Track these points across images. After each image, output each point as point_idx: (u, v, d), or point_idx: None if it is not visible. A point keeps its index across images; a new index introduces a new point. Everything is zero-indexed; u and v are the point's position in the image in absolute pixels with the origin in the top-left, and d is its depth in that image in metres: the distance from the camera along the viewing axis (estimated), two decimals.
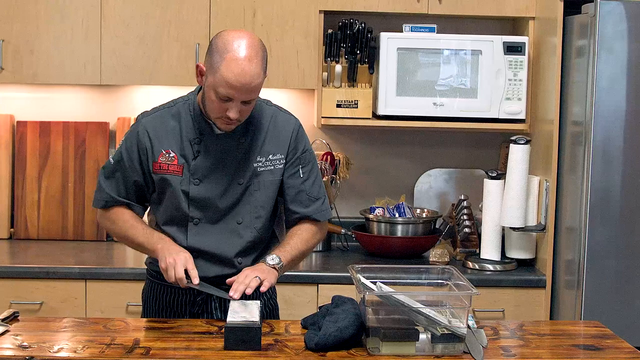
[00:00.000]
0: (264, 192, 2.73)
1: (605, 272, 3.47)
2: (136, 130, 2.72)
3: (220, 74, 2.52)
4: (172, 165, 2.68)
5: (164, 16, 3.81)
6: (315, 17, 3.83)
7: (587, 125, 3.45)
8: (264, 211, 2.75)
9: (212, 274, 2.69)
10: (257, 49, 2.56)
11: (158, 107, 2.76)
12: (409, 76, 3.81)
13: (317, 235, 2.81)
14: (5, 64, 3.80)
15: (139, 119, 2.75)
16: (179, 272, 2.54)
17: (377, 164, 4.24)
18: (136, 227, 2.72)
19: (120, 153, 2.73)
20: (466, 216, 3.91)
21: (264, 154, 2.72)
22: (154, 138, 2.69)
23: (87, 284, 3.58)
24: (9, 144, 4.07)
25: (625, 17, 3.41)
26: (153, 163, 2.69)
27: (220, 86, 2.53)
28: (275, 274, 2.63)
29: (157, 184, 2.71)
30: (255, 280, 2.56)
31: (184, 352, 2.35)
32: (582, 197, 3.47)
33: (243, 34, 2.57)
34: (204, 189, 2.69)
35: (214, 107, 2.59)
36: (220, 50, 2.54)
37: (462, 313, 2.40)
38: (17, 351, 2.32)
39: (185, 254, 2.60)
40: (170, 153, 2.68)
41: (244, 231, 2.73)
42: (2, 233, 4.06)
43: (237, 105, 2.56)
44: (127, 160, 2.71)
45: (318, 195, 2.79)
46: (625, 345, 2.52)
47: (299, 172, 2.76)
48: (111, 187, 2.74)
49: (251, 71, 2.52)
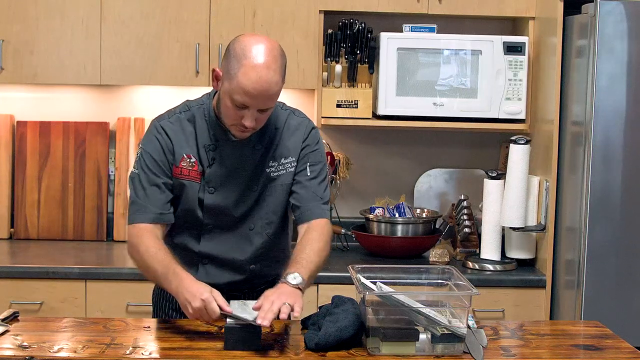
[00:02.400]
0: (276, 197, 2.68)
1: (605, 272, 3.47)
2: (156, 133, 2.63)
3: (237, 80, 2.44)
4: (193, 171, 2.62)
5: (164, 16, 3.81)
6: (315, 17, 3.83)
7: (587, 125, 3.45)
8: (275, 216, 2.70)
9: (224, 280, 2.65)
10: (277, 55, 2.50)
11: (173, 111, 2.69)
12: (409, 76, 3.81)
13: (329, 244, 2.67)
14: (5, 64, 3.80)
15: (155, 123, 2.66)
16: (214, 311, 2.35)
17: (377, 164, 4.24)
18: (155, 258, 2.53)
19: (144, 161, 2.61)
20: (466, 216, 3.91)
21: (277, 158, 2.67)
22: (175, 142, 2.62)
23: (87, 284, 3.58)
24: (9, 144, 4.07)
25: (625, 17, 3.41)
26: (174, 167, 2.62)
27: (236, 93, 2.46)
28: (301, 295, 2.44)
29: (175, 189, 2.64)
30: (286, 307, 2.35)
31: (184, 352, 2.35)
32: (582, 197, 3.48)
33: (262, 39, 2.50)
34: (219, 198, 2.64)
35: (229, 114, 2.53)
36: (238, 55, 2.46)
37: (462, 313, 2.40)
38: (17, 351, 2.32)
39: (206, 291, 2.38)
40: (192, 158, 2.62)
41: (255, 237, 2.69)
42: (2, 233, 4.06)
43: (253, 113, 2.49)
44: (153, 165, 2.61)
45: (323, 197, 2.71)
46: (625, 345, 2.52)
47: (307, 169, 2.69)
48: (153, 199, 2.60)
49: (269, 79, 2.46)
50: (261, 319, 2.32)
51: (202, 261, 2.70)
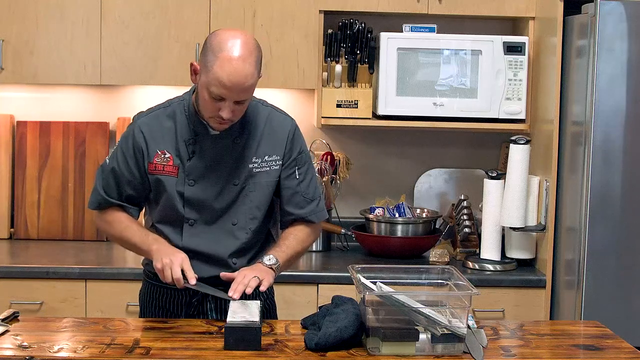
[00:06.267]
0: (259, 193, 2.72)
1: (605, 272, 3.47)
2: (132, 131, 2.71)
3: (214, 72, 2.51)
4: (168, 166, 2.68)
5: (164, 16, 3.81)
6: (315, 17, 3.83)
7: (587, 125, 3.45)
8: (259, 212, 2.74)
9: (207, 274, 2.68)
10: (252, 48, 2.54)
11: (153, 108, 2.76)
12: (409, 76, 3.81)
13: (312, 236, 2.82)
14: (5, 64, 3.80)
15: (134, 120, 2.74)
16: (176, 272, 2.53)
17: (377, 164, 4.24)
18: (131, 228, 2.71)
19: (116, 154, 2.73)
20: (466, 216, 3.91)
21: (260, 155, 2.71)
22: (149, 139, 2.68)
23: (87, 284, 3.58)
24: (9, 144, 4.07)
25: (625, 17, 3.41)
26: (148, 164, 2.68)
27: (213, 85, 2.52)
28: (273, 274, 2.63)
29: (153, 185, 2.71)
30: (254, 280, 2.56)
31: (184, 352, 2.35)
32: (582, 197, 3.48)
33: (238, 33, 2.56)
34: (199, 190, 2.68)
35: (206, 107, 2.58)
36: (214, 49, 2.52)
37: (462, 313, 2.40)
38: (17, 351, 2.32)
39: (181, 255, 2.59)
40: (166, 154, 2.68)
41: (238, 232, 2.72)
42: (2, 233, 4.06)
43: (229, 105, 2.55)
44: (122, 162, 2.70)
45: (313, 197, 2.79)
46: (625, 345, 2.52)
47: (295, 173, 2.76)
48: (106, 188, 2.73)
49: (244, 71, 2.51)
50: (232, 290, 2.53)
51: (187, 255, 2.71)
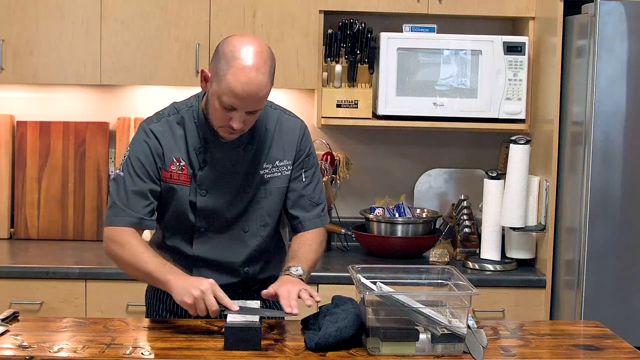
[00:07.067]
0: (271, 199, 2.68)
1: (605, 272, 3.47)
2: (145, 137, 2.60)
3: (226, 82, 2.43)
4: (183, 175, 2.61)
5: (164, 16, 3.81)
6: (315, 17, 3.83)
7: (587, 125, 3.45)
8: (270, 219, 2.70)
9: (218, 283, 2.61)
10: (266, 57, 2.47)
11: (161, 114, 2.66)
12: (409, 76, 3.81)
13: (323, 244, 2.75)
14: (5, 64, 3.80)
15: (143, 127, 2.63)
16: (212, 303, 2.37)
17: (377, 164, 4.24)
18: (146, 254, 2.53)
19: (130, 164, 2.59)
20: (466, 216, 3.91)
21: (271, 160, 2.66)
22: (165, 145, 2.60)
23: (87, 284, 3.58)
24: (9, 144, 4.07)
25: (625, 17, 3.41)
26: (163, 171, 2.60)
27: (224, 95, 2.44)
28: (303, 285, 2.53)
29: (163, 193, 2.62)
30: (305, 293, 2.44)
31: (184, 352, 2.35)
32: (582, 197, 3.48)
33: (251, 41, 2.48)
34: (211, 200, 2.63)
35: (217, 116, 2.51)
36: (227, 57, 2.44)
37: (462, 313, 2.40)
38: (17, 351, 2.32)
39: (208, 281, 2.42)
40: (181, 162, 2.60)
41: (249, 239, 2.68)
42: (2, 233, 4.06)
43: (241, 115, 2.48)
44: (141, 170, 2.58)
45: (319, 201, 2.74)
46: (625, 345, 2.52)
47: (302, 176, 2.71)
48: (125, 201, 2.57)
49: (258, 81, 2.43)
50: (289, 307, 2.38)
51: (195, 264, 2.68)
